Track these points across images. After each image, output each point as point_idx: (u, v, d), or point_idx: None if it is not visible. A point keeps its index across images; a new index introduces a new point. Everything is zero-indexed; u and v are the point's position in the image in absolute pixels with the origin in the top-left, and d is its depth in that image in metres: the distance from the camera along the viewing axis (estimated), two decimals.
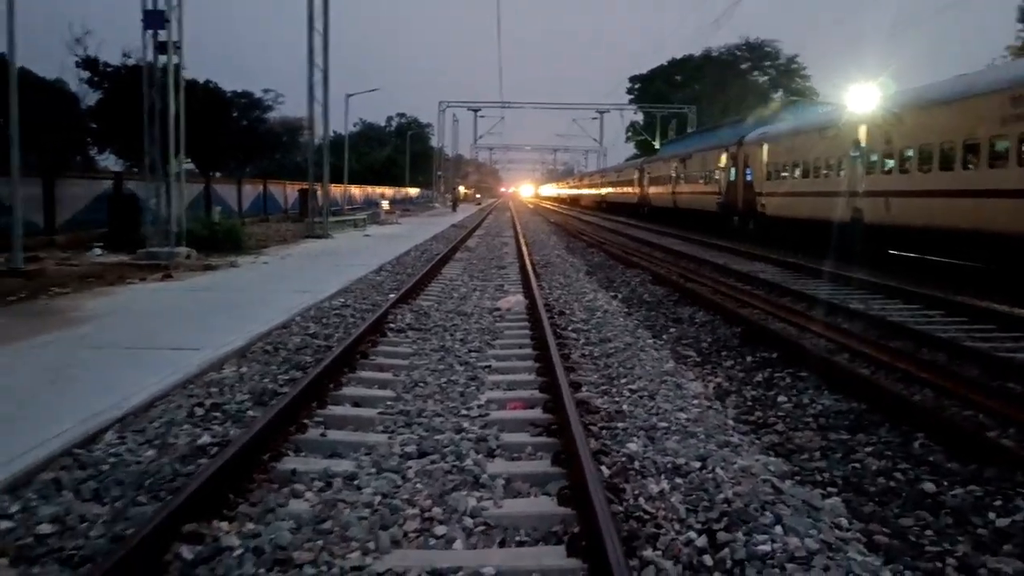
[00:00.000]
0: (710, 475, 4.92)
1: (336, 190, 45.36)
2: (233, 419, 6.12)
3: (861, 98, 21.92)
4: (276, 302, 11.50)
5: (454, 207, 64.41)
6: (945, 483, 4.96)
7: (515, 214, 53.43)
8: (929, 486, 4.91)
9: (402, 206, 63.06)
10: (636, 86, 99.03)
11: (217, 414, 6.21)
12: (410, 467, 5.20)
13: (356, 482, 4.95)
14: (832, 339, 9.62)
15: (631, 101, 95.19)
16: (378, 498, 4.69)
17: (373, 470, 5.15)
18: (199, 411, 6.24)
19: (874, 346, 9.05)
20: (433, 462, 5.31)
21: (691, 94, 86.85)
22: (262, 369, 7.74)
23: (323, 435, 5.88)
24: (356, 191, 60.04)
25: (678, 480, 4.91)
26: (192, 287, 13.49)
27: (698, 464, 5.15)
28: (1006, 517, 4.44)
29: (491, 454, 5.57)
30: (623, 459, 5.32)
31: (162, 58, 18.08)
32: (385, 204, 48.56)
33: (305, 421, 6.11)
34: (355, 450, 5.59)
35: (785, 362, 8.61)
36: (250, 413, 6.28)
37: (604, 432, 5.97)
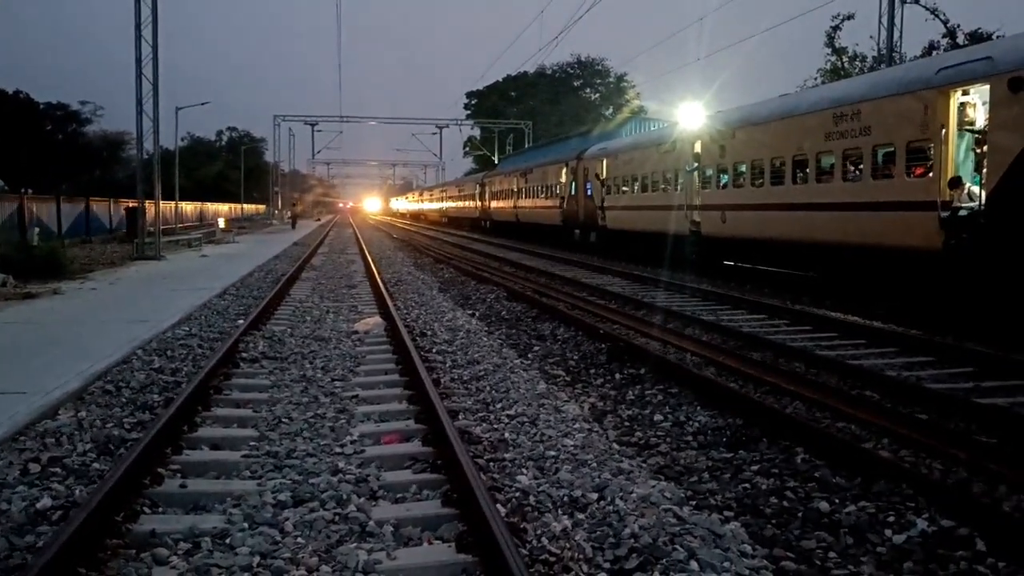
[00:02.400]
0: (611, 507, 4.75)
1: (167, 207, 42.84)
2: (76, 474, 5.41)
3: (694, 115, 22.86)
4: (112, 334, 10.50)
5: (293, 224, 62.50)
6: (837, 500, 5.00)
7: (357, 230, 52.50)
8: (823, 505, 4.94)
9: (238, 223, 60.45)
10: (473, 101, 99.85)
11: (56, 470, 5.46)
12: (287, 518, 4.74)
13: (228, 540, 4.46)
14: (696, 352, 9.79)
15: (468, 116, 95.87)
16: (256, 559, 4.23)
17: (246, 525, 4.66)
18: (34, 468, 5.47)
19: (738, 359, 9.26)
20: (312, 510, 4.88)
21: (526, 109, 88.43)
22: (104, 413, 6.95)
23: (183, 486, 5.29)
24: (189, 208, 57.08)
25: (579, 515, 4.71)
26: (12, 319, 12.12)
27: (595, 495, 4.97)
28: (901, 533, 4.51)
29: (374, 497, 5.20)
30: (517, 494, 5.08)
31: None
32: (221, 222, 46.26)
33: (160, 471, 5.50)
34: (221, 501, 5.07)
35: (654, 378, 8.65)
36: (95, 466, 5.59)
37: (492, 465, 5.70)
